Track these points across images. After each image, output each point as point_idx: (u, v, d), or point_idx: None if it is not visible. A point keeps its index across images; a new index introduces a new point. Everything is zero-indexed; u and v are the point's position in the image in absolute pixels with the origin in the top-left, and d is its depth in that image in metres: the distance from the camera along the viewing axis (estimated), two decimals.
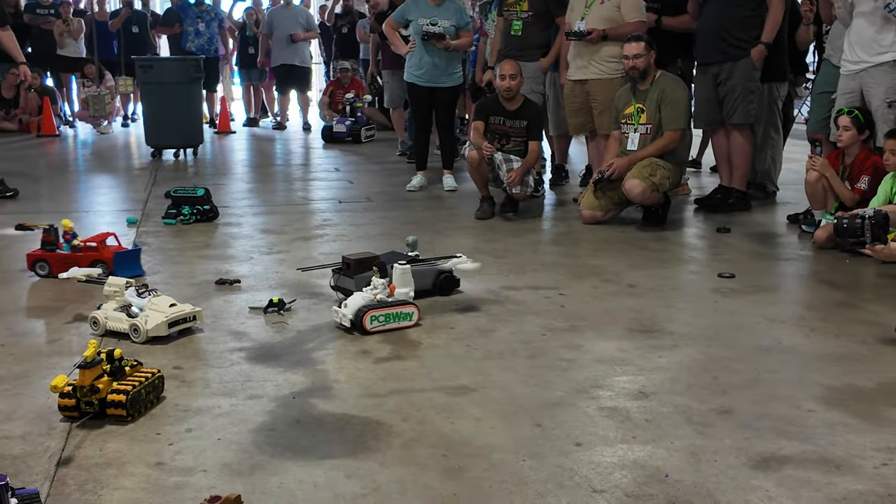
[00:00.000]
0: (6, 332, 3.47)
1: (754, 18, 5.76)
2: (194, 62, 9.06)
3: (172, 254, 4.83)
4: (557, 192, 6.97)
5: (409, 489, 2.28)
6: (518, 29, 6.68)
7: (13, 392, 2.89)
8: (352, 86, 11.47)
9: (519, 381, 3.02)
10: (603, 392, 2.92)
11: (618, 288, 4.18)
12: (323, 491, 2.27)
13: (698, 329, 3.56)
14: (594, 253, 4.92)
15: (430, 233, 5.36)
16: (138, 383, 2.69)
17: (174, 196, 5.69)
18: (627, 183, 5.35)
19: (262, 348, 3.34)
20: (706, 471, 2.37)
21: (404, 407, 2.79)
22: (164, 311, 3.41)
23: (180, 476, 2.33)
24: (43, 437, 2.56)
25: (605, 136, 6.11)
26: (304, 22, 11.66)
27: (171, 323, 3.39)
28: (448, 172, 7.18)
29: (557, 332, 3.53)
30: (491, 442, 2.55)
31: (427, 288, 3.97)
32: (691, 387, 2.96)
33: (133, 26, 12.36)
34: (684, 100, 5.58)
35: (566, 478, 2.33)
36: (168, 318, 3.39)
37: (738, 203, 6.01)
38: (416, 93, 7.07)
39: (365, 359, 3.24)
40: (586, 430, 2.63)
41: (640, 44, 5.57)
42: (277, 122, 12.19)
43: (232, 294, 4.06)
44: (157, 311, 3.41)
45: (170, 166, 8.58)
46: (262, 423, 2.67)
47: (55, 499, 2.17)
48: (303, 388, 2.95)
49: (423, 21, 6.81)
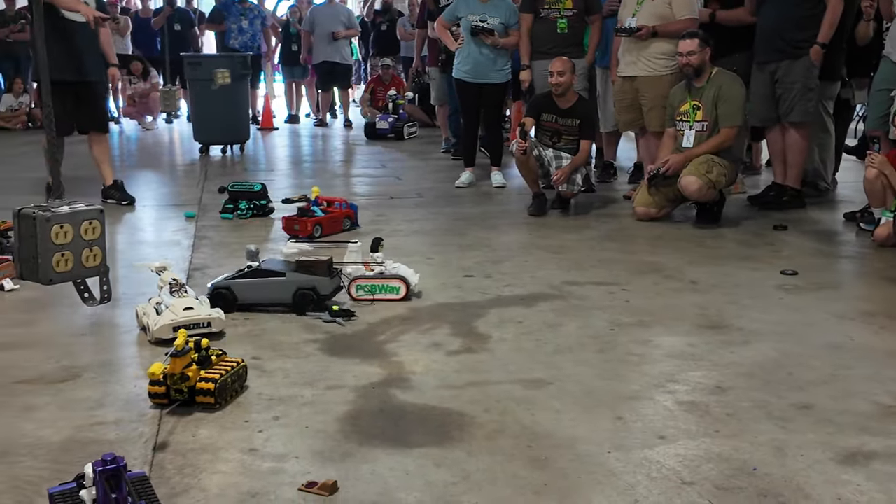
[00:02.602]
0: (87, 321, 3.55)
1: (812, 18, 5.72)
2: (241, 59, 9.17)
3: (234, 247, 4.89)
4: (606, 190, 6.97)
5: (499, 478, 2.31)
6: (564, 26, 6.69)
7: (100, 380, 2.96)
8: (393, 83, 11.54)
9: (593, 375, 3.04)
10: (679, 386, 2.93)
11: (680, 284, 4.18)
12: (415, 478, 2.30)
13: (767, 325, 3.56)
14: (651, 249, 4.93)
15: (485, 229, 5.39)
16: (224, 372, 2.75)
17: (231, 191, 5.77)
18: (684, 179, 5.35)
19: (335, 340, 3.39)
20: (793, 465, 2.38)
21: (482, 399, 2.83)
22: (175, 313, 3.34)
23: (274, 462, 2.38)
24: (135, 423, 2.62)
25: (655, 133, 6.11)
26: (345, 19, 11.74)
27: (176, 327, 3.25)
28: (496, 169, 7.22)
29: (625, 328, 3.55)
30: (573, 434, 2.57)
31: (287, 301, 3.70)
32: (768, 382, 2.96)
33: (175, 24, 12.51)
34: (741, 97, 5.56)
35: (654, 469, 2.35)
36: (174, 322, 3.30)
37: (793, 201, 5.98)
38: (464, 89, 7.10)
39: (437, 351, 3.28)
40: (667, 424, 2.64)
41: (694, 40, 5.55)
42: (319, 119, 12.28)
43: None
44: (171, 313, 3.34)
45: (217, 162, 8.69)
46: (345, 413, 2.71)
47: (156, 482, 2.22)
48: (380, 380, 2.99)
49: (472, 17, 6.84)
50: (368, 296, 3.84)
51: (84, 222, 2.26)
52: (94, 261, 2.30)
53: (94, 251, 2.29)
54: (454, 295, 4.01)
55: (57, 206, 2.24)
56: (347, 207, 5.48)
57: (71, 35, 5.89)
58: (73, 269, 2.26)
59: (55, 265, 2.21)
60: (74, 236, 2.24)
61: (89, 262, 2.29)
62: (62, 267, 2.22)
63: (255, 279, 3.75)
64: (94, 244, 2.29)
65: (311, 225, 5.12)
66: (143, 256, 4.52)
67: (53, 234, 2.19)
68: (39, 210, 2.20)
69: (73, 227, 2.24)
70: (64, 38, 5.81)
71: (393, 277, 3.89)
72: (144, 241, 5.23)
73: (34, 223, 2.19)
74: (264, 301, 3.72)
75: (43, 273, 2.20)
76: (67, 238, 2.22)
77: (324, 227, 5.19)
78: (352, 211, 5.47)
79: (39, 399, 2.80)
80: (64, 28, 5.86)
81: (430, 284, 4.14)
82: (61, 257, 2.22)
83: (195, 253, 4.77)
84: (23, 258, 2.23)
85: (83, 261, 2.27)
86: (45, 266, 2.20)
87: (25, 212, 2.22)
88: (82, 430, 2.57)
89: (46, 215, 2.19)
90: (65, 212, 2.23)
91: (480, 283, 4.20)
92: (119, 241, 5.31)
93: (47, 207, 2.22)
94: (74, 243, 2.24)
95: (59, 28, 5.81)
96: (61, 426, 2.59)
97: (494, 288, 4.11)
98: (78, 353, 3.21)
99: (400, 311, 3.75)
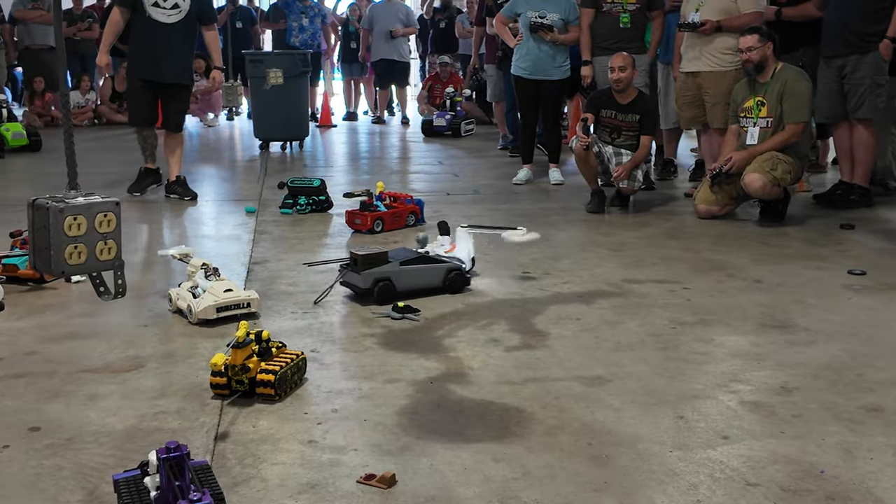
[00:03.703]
0: (148, 313, 3.61)
1: (882, 11, 5.55)
2: (302, 56, 9.25)
3: (293, 241, 4.94)
4: (667, 187, 6.87)
5: (559, 475, 2.29)
6: (627, 21, 6.63)
7: (163, 370, 3.01)
8: (450, 80, 11.54)
9: (654, 373, 2.99)
10: (743, 386, 2.87)
11: (744, 283, 4.10)
12: (473, 473, 2.29)
13: (834, 326, 3.47)
14: (713, 248, 4.84)
15: (543, 226, 5.34)
16: (285, 364, 2.77)
17: (291, 186, 5.82)
18: (747, 177, 5.24)
19: (392, 335, 3.39)
20: (863, 468, 2.31)
21: (541, 395, 2.80)
22: (217, 295, 3.47)
23: (333, 454, 2.39)
24: (197, 413, 2.65)
25: (718, 130, 6.00)
26: (403, 17, 11.78)
27: (219, 307, 3.45)
28: (554, 166, 7.17)
29: (687, 326, 3.49)
30: (634, 432, 2.53)
31: (437, 285, 3.91)
32: (835, 383, 2.88)
33: (237, 22, 12.68)
34: (807, 93, 5.43)
35: (717, 470, 2.30)
36: (217, 303, 3.44)
37: (860, 199, 5.82)
38: (523, 86, 7.06)
39: (495, 347, 3.26)
40: (731, 424, 2.59)
41: (754, 36, 5.43)
42: (377, 117, 12.34)
43: None
44: (211, 295, 3.48)
45: (277, 158, 8.78)
46: (403, 407, 2.71)
47: (217, 471, 2.24)
48: (438, 374, 2.98)
49: (531, 14, 6.80)
50: None
51: (98, 214, 2.21)
52: (109, 254, 2.25)
53: (108, 244, 2.24)
54: (512, 291, 3.99)
55: (71, 198, 2.21)
56: (413, 203, 5.49)
57: (153, 36, 6.00)
58: (86, 261, 2.20)
59: (68, 257, 2.16)
60: (88, 228, 2.20)
61: (103, 255, 2.24)
62: (75, 259, 2.18)
63: (409, 267, 3.89)
64: (108, 237, 2.24)
65: (372, 220, 5.14)
66: (205, 250, 4.59)
67: (66, 225, 2.15)
68: (53, 201, 2.17)
69: (88, 219, 2.19)
70: (145, 38, 5.93)
71: (451, 259, 4.09)
72: (206, 236, 5.30)
73: (47, 214, 2.16)
74: (419, 287, 3.86)
75: (55, 265, 2.17)
76: (81, 230, 2.18)
77: (385, 222, 5.22)
78: (417, 207, 5.48)
79: (104, 388, 2.85)
80: (146, 27, 5.97)
81: (488, 280, 4.13)
82: (74, 249, 2.17)
83: (255, 247, 4.82)
84: (36, 249, 2.22)
85: (97, 254, 2.22)
86: (57, 258, 2.16)
87: (39, 202, 2.18)
88: (146, 418, 2.61)
89: (60, 206, 2.15)
90: (79, 203, 2.19)
91: (538, 279, 4.17)
92: (181, 235, 5.40)
93: (62, 198, 2.19)
94: (88, 235, 2.20)
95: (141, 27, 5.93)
96: (125, 415, 2.64)
97: (552, 284, 4.07)
98: (141, 344, 3.27)
99: (457, 306, 3.74)
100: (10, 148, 8.78)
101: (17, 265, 4.02)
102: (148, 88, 6.14)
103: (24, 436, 2.50)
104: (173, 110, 6.37)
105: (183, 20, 6.11)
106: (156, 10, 6.00)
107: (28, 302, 3.81)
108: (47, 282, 4.03)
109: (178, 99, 6.35)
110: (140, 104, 6.23)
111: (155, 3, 6.01)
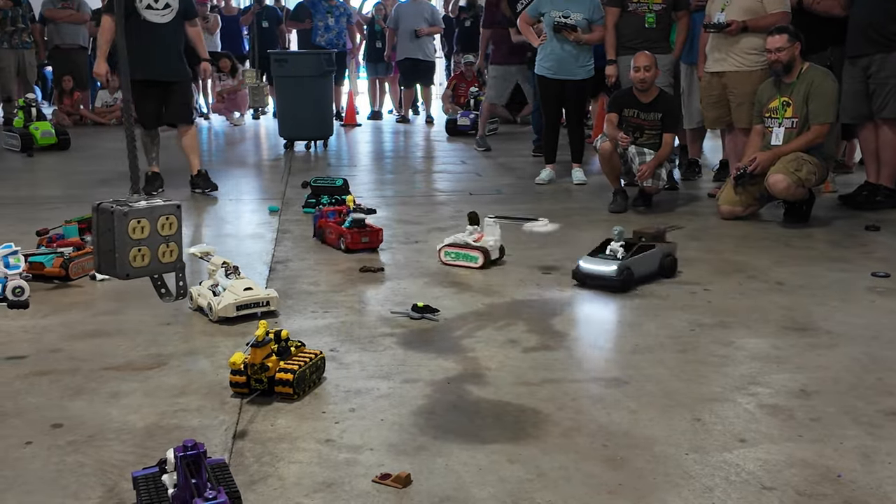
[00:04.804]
0: (173, 311, 3.65)
1: None
2: (327, 56, 9.29)
3: (314, 241, 4.97)
4: (690, 188, 6.84)
5: (573, 476, 2.29)
6: (652, 21, 6.60)
7: (184, 368, 3.05)
8: (475, 79, 11.54)
9: (672, 376, 2.98)
10: (762, 389, 2.85)
11: (765, 285, 4.08)
12: (488, 474, 2.30)
13: (856, 328, 3.44)
14: (736, 249, 4.81)
15: (565, 226, 5.34)
16: (303, 363, 2.79)
17: (314, 186, 5.85)
18: (771, 178, 5.20)
19: (411, 335, 3.41)
20: (881, 473, 2.30)
21: (558, 396, 2.81)
22: (237, 293, 3.54)
23: (349, 453, 2.41)
24: (216, 412, 2.69)
25: (742, 130, 5.96)
26: (428, 16, 11.80)
27: (239, 306, 3.51)
28: (577, 166, 7.16)
29: (706, 328, 3.47)
30: (650, 434, 2.53)
31: (654, 270, 4.12)
32: (855, 387, 2.87)
33: (263, 21, 12.76)
34: (833, 93, 5.38)
35: (733, 473, 2.30)
36: (237, 301, 3.51)
37: (887, 200, 5.76)
38: (546, 86, 7.06)
39: (513, 348, 3.26)
40: (748, 427, 2.58)
41: (783, 36, 5.39)
42: (401, 116, 12.37)
43: (377, 281, 4.16)
44: (231, 293, 3.53)
45: (302, 157, 8.84)
46: (420, 407, 2.73)
47: (235, 469, 2.27)
48: (456, 375, 3.00)
49: (555, 13, 6.79)
50: (453, 261, 4.38)
51: (161, 217, 2.28)
52: (171, 256, 2.32)
53: (170, 247, 2.31)
54: (531, 291, 3.99)
55: (134, 202, 2.27)
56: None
57: (148, 37, 6.10)
58: (149, 264, 2.27)
59: (132, 260, 2.23)
60: (151, 231, 2.26)
61: (166, 257, 2.31)
62: (139, 262, 2.25)
63: (640, 255, 4.07)
64: (170, 240, 2.31)
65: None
66: (227, 249, 4.62)
67: (130, 228, 2.22)
68: (117, 205, 2.23)
69: (150, 222, 2.26)
70: (141, 40, 6.02)
71: (474, 248, 4.35)
72: (229, 234, 5.34)
73: (112, 217, 2.21)
74: (646, 273, 4.07)
75: (120, 267, 2.23)
76: (144, 233, 2.25)
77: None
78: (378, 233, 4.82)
79: (127, 385, 2.89)
80: (140, 29, 6.06)
81: (508, 280, 4.14)
82: (138, 252, 2.24)
83: (277, 246, 4.85)
84: (101, 252, 2.27)
85: (160, 256, 2.29)
86: (122, 260, 2.22)
87: (104, 206, 2.24)
88: (166, 416, 2.65)
89: (124, 210, 2.21)
90: (142, 207, 2.25)
91: (558, 279, 4.17)
92: (205, 234, 5.45)
93: (125, 202, 2.24)
94: (151, 238, 2.26)
95: (136, 29, 6.02)
96: (146, 412, 2.68)
97: (572, 285, 4.07)
98: (164, 342, 3.31)
99: (476, 306, 3.75)
100: (39, 146, 8.90)
101: (43, 263, 4.08)
102: (149, 89, 6.23)
103: (47, 432, 2.54)
104: (179, 104, 6.51)
105: (174, 18, 6.30)
106: (149, 12, 6.17)
107: (54, 300, 3.87)
108: (73, 280, 4.09)
109: (180, 94, 6.50)
110: (146, 105, 6.32)
111: (148, 6, 6.16)
